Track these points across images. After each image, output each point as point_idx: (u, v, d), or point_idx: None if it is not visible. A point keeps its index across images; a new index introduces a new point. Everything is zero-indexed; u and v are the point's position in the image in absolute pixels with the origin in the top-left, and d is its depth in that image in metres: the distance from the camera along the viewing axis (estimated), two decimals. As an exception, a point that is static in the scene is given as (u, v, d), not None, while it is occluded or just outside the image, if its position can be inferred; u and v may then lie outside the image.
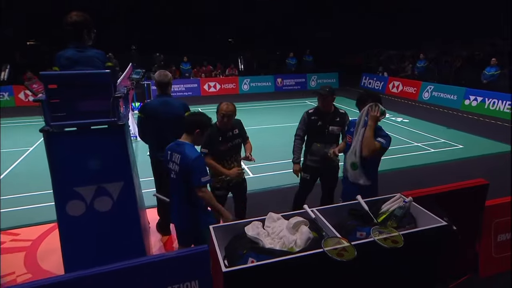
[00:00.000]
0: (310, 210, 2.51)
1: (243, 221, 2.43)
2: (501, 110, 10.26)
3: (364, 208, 2.55)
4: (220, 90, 15.43)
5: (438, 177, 5.67)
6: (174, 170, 2.68)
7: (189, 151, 2.61)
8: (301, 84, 16.30)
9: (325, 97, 3.54)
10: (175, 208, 2.80)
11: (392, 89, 14.85)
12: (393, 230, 2.29)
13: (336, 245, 2.09)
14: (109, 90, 2.64)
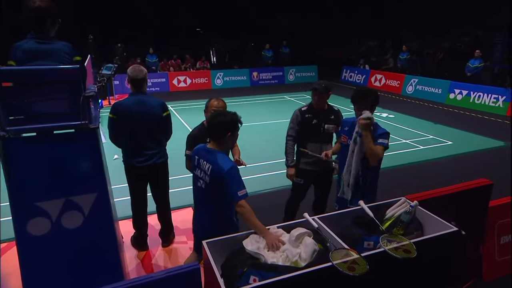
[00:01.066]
0: (311, 219, 2.47)
1: (240, 234, 2.36)
2: (486, 104, 10.79)
3: (369, 214, 2.55)
4: (191, 85, 15.18)
5: (431, 176, 5.85)
6: (202, 179, 2.60)
7: (222, 161, 2.49)
8: (279, 78, 16.38)
9: (321, 94, 3.52)
10: (200, 219, 2.74)
11: (374, 82, 15.24)
12: (403, 238, 2.29)
13: (345, 258, 2.07)
14: (78, 89, 2.46)
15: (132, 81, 3.35)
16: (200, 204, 2.74)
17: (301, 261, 2.11)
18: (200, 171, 2.63)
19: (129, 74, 3.32)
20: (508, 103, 10.26)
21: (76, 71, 2.44)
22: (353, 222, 2.56)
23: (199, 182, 2.65)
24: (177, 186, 5.33)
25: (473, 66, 11.78)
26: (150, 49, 15.26)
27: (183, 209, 4.70)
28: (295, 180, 3.83)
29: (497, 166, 6.28)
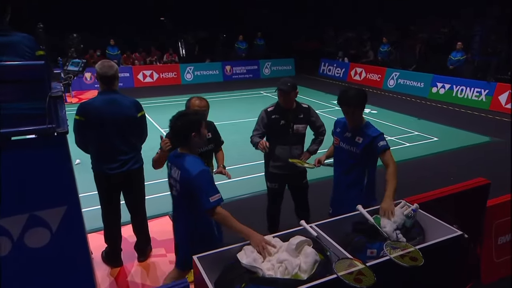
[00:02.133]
0: (309, 226, 2.46)
1: (233, 246, 2.31)
2: (469, 97, 11.26)
3: (369, 220, 2.56)
4: (158, 80, 14.90)
5: (420, 174, 6.02)
6: (175, 187, 2.59)
7: (190, 164, 2.45)
8: (254, 72, 16.38)
9: (287, 93, 3.48)
10: (179, 231, 2.75)
11: (354, 76, 15.54)
12: (407, 244, 2.32)
13: (350, 268, 2.06)
14: (43, 88, 2.30)
15: (101, 78, 3.20)
16: (177, 214, 2.72)
17: (302, 273, 2.08)
18: (172, 179, 2.60)
19: (97, 70, 3.18)
20: (491, 97, 10.75)
21: (40, 68, 2.29)
22: (354, 228, 2.56)
23: (173, 190, 2.62)
24: (152, 193, 5.20)
25: (455, 58, 12.25)
26: (111, 41, 14.82)
27: (160, 218, 4.58)
28: (269, 186, 3.85)
29: (485, 163, 6.56)
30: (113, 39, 14.84)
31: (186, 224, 2.62)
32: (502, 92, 10.52)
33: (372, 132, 3.05)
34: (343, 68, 16.22)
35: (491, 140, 7.85)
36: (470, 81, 11.53)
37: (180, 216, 2.68)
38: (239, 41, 16.26)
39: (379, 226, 2.49)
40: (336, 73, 16.46)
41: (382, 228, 2.47)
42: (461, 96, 11.49)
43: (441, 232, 2.50)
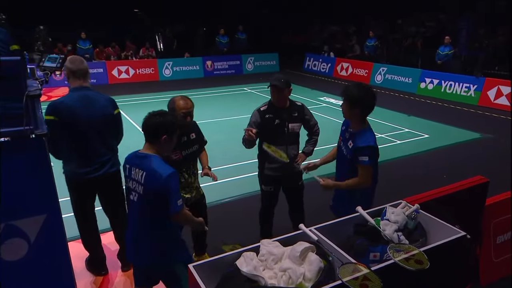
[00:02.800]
0: (308, 230, 2.44)
1: (229, 253, 2.27)
2: (458, 93, 11.53)
3: (370, 221, 2.57)
4: (134, 77, 14.69)
5: (413, 172, 6.13)
6: (135, 191, 2.50)
7: (159, 166, 2.42)
8: (236, 67, 16.34)
9: (281, 90, 3.47)
10: (132, 238, 2.61)
11: (341, 72, 15.68)
12: (411, 246, 2.33)
13: (354, 274, 2.06)
14: (19, 86, 2.21)
15: (74, 73, 3.11)
16: (133, 219, 2.60)
17: (306, 281, 2.06)
18: (132, 181, 2.52)
19: (68, 66, 3.09)
20: (479, 92, 11.03)
21: (16, 63, 2.19)
22: (355, 231, 2.56)
23: (131, 195, 2.54)
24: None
25: (443, 53, 12.51)
26: (82, 34, 14.49)
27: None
28: (264, 188, 3.83)
29: (477, 160, 6.72)
30: (84, 32, 14.50)
31: (145, 230, 2.55)
32: (490, 88, 10.81)
33: (361, 141, 2.96)
34: (329, 63, 16.36)
35: (482, 137, 8.05)
36: (458, 76, 11.80)
37: (137, 222, 2.59)
38: (220, 35, 16.18)
39: (379, 228, 2.50)
40: (322, 69, 16.57)
41: (383, 230, 2.48)
42: (449, 91, 11.75)
43: (444, 233, 2.52)
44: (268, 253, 2.20)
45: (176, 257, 2.56)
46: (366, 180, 3.01)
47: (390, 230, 2.48)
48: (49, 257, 2.55)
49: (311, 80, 15.27)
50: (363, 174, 2.99)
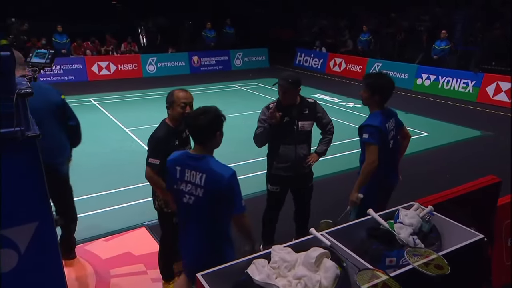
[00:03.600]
0: (320, 234, 2.42)
1: (239, 261, 2.24)
2: (455, 89, 11.69)
3: (383, 224, 2.56)
4: (116, 73, 14.50)
5: (415, 171, 6.14)
6: (190, 194, 2.51)
7: (219, 167, 2.46)
8: (224, 63, 16.29)
9: (287, 90, 3.47)
10: (190, 242, 2.63)
11: (333, 67, 15.75)
12: (428, 250, 2.33)
13: (372, 280, 2.04)
14: (8, 84, 2.13)
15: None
16: (190, 222, 2.62)
17: (322, 290, 2.04)
18: (186, 184, 2.51)
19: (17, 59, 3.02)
20: (478, 88, 11.20)
21: (6, 59, 2.11)
22: (368, 235, 2.55)
23: (185, 198, 2.53)
24: (126, 201, 5.04)
25: (439, 48, 12.66)
26: (58, 27, 14.20)
27: (136, 229, 4.42)
28: (270, 189, 3.80)
29: (479, 158, 6.83)
30: (60, 25, 14.22)
31: (203, 232, 2.58)
32: (489, 83, 10.99)
33: (365, 121, 3.30)
34: (321, 58, 16.42)
35: (482, 134, 8.18)
36: (456, 72, 11.97)
37: (195, 224, 2.60)
38: (207, 29, 16.07)
39: (394, 231, 2.50)
40: (314, 64, 16.63)
41: (398, 234, 2.48)
42: (447, 87, 11.91)
43: (460, 236, 2.53)
44: (280, 260, 2.17)
45: (228, 257, 2.57)
46: (371, 158, 3.21)
47: (405, 233, 2.48)
48: (41, 268, 2.48)
49: (303, 76, 15.11)
50: (367, 153, 3.24)
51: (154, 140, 3.07)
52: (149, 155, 3.06)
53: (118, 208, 4.88)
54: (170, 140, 3.09)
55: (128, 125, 8.42)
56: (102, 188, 5.39)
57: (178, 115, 3.09)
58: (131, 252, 3.99)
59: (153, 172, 3.03)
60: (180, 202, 2.58)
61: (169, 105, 3.13)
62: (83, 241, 4.16)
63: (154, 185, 3.10)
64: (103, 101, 10.74)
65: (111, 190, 5.35)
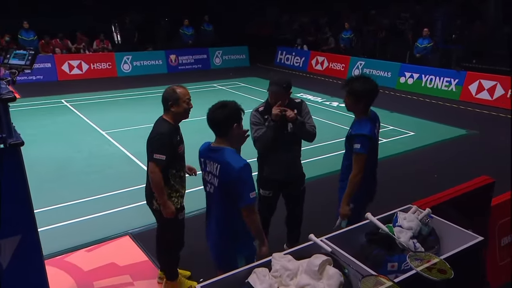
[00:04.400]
0: (319, 240, 2.43)
1: (238, 270, 2.22)
2: (439, 88, 11.96)
3: (382, 228, 2.59)
4: (88, 72, 14.23)
5: (404, 171, 6.29)
6: (211, 183, 2.74)
7: (232, 158, 2.61)
8: (203, 62, 16.22)
9: (279, 95, 3.47)
10: (212, 230, 2.85)
11: (316, 66, 15.89)
12: (430, 254, 2.36)
13: (376, 287, 2.06)
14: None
15: None
16: (210, 211, 2.86)
17: (326, 298, 2.05)
18: (208, 174, 2.74)
19: None
20: (460, 87, 11.49)
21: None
22: (368, 239, 2.57)
23: (208, 187, 2.78)
24: (109, 207, 4.94)
25: (421, 46, 12.93)
26: (25, 23, 13.83)
27: (119, 238, 4.34)
28: (262, 193, 3.80)
29: (466, 157, 7.01)
30: (27, 22, 13.83)
31: (220, 221, 2.78)
32: (472, 82, 11.29)
33: (355, 129, 3.27)
34: (303, 57, 16.53)
35: (468, 133, 8.39)
36: (439, 70, 12.25)
37: (214, 212, 2.82)
38: (185, 26, 15.94)
39: (393, 235, 2.53)
40: (295, 63, 16.72)
41: (398, 238, 2.51)
42: (430, 86, 12.17)
43: (459, 238, 2.58)
44: (282, 268, 2.17)
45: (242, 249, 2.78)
46: (358, 168, 3.23)
47: (405, 237, 2.51)
48: (25, 282, 2.42)
49: (284, 75, 15.33)
50: (356, 163, 3.24)
51: (159, 136, 3.16)
52: (154, 151, 3.13)
53: (99, 216, 4.78)
54: (173, 137, 3.21)
55: (104, 127, 8.27)
56: (81, 195, 5.27)
57: (184, 111, 3.22)
58: (115, 262, 3.91)
59: (157, 167, 3.11)
60: (206, 191, 2.84)
61: (173, 102, 3.18)
62: (63, 252, 4.07)
63: (155, 181, 3.13)
64: (76, 102, 10.52)
65: (91, 197, 5.23)
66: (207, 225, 2.91)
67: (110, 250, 4.13)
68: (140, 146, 7.12)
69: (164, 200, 3.18)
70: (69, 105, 10.29)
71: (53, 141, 7.33)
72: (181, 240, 3.49)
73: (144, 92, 11.94)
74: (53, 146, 7.08)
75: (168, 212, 3.22)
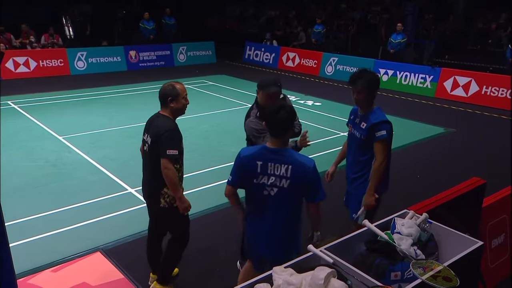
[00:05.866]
0: (318, 251, 2.46)
1: (240, 286, 2.22)
2: (414, 84, 12.37)
3: (381, 236, 2.65)
4: (37, 70, 13.76)
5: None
6: (273, 186, 2.85)
7: (303, 158, 2.85)
8: (166, 58, 16.06)
9: (274, 96, 3.54)
10: (265, 229, 2.98)
11: (286, 62, 16.03)
12: (433, 262, 2.44)
13: (383, 299, 2.11)
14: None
15: None
16: (267, 215, 2.94)
17: (332, 312, 2.07)
18: (269, 177, 2.83)
19: None
20: (436, 83, 11.92)
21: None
22: (367, 248, 2.62)
23: (266, 190, 2.86)
24: (76, 221, 4.78)
25: (395, 41, 13.31)
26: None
27: (90, 255, 4.21)
28: None
29: (446, 156, 7.30)
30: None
31: (281, 222, 2.96)
32: (447, 78, 11.75)
33: (374, 118, 3.46)
34: (273, 53, 16.66)
35: (445, 131, 8.72)
36: (414, 67, 12.68)
37: (273, 215, 2.93)
38: (145, 20, 15.67)
39: (394, 243, 2.59)
40: (265, 59, 16.82)
41: (398, 246, 2.57)
42: (405, 83, 12.56)
43: (459, 243, 2.68)
44: (285, 283, 2.18)
45: (298, 246, 3.04)
46: (384, 155, 3.46)
47: (406, 244, 2.58)
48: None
49: (253, 72, 15.44)
50: (382, 150, 3.45)
51: (170, 132, 3.31)
52: (167, 147, 3.27)
53: (64, 231, 4.61)
54: (179, 131, 3.41)
55: (61, 132, 8.00)
56: (40, 209, 5.05)
57: (183, 106, 3.42)
58: (86, 282, 3.79)
59: (171, 163, 3.28)
60: (257, 195, 2.91)
61: (173, 98, 3.35)
62: (25, 273, 3.89)
63: (171, 177, 3.29)
64: (25, 104, 10.12)
65: (52, 211, 5.04)
66: (255, 229, 3.04)
67: (80, 269, 4.00)
68: (105, 152, 7.08)
69: (181, 195, 3.39)
70: (17, 107, 9.88)
71: (2, 149, 6.98)
72: (188, 236, 3.70)
73: (102, 92, 11.68)
74: (3, 154, 6.75)
75: (185, 207, 3.43)
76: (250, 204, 3.04)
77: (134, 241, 4.48)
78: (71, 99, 10.81)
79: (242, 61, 17.35)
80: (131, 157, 6.79)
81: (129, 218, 4.96)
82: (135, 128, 8.29)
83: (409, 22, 17.14)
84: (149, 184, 3.54)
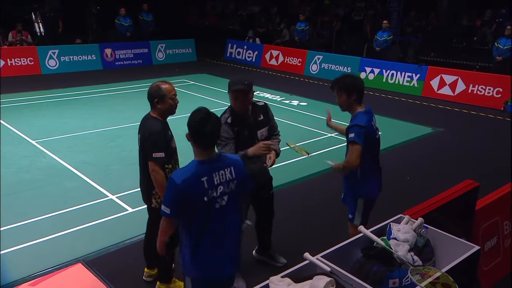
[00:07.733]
0: (315, 259, 2.49)
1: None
2: (400, 83, 12.55)
3: (377, 242, 2.70)
4: (5, 70, 13.43)
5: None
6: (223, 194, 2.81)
7: (234, 157, 3.03)
8: (144, 56, 15.98)
9: (246, 95, 3.57)
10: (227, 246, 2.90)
11: (270, 61, 16.09)
12: (429, 267, 2.50)
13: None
14: None
15: None
16: (223, 226, 2.83)
17: (333, 323, 2.10)
18: (217, 188, 2.75)
19: None
20: (422, 82, 12.12)
21: None
22: (364, 255, 2.67)
23: (217, 203, 2.77)
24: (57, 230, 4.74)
25: (381, 39, 13.49)
26: None
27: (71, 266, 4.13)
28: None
29: (436, 156, 7.45)
30: None
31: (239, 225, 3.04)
32: (433, 77, 11.95)
33: (352, 121, 3.66)
34: (256, 50, 16.69)
35: (434, 131, 8.89)
36: (400, 65, 12.88)
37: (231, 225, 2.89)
38: (121, 16, 15.53)
39: (391, 249, 2.64)
40: (248, 57, 16.85)
41: (395, 252, 2.62)
42: (392, 81, 12.74)
43: (455, 248, 2.75)
44: (282, 294, 2.20)
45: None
46: (352, 157, 3.56)
47: (403, 251, 2.63)
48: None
49: (235, 70, 15.45)
50: (350, 152, 3.58)
51: (153, 135, 3.40)
52: (153, 150, 3.37)
53: (42, 242, 4.53)
54: (166, 133, 3.49)
55: (34, 136, 7.86)
56: (16, 218, 4.93)
57: (170, 107, 3.47)
58: (69, 296, 3.74)
59: (158, 166, 3.39)
60: (211, 211, 2.76)
61: (159, 99, 3.43)
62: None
63: (159, 180, 3.39)
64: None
65: (29, 220, 4.93)
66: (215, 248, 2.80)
67: (61, 282, 3.90)
68: (83, 157, 6.98)
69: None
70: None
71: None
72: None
73: (77, 92, 11.52)
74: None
75: None
76: (204, 223, 2.75)
77: (117, 251, 4.45)
78: (43, 100, 10.63)
79: (223, 59, 17.34)
80: (111, 162, 6.73)
81: (111, 226, 4.91)
82: (113, 130, 8.25)
83: (393, 18, 17.43)
84: (142, 184, 3.69)
